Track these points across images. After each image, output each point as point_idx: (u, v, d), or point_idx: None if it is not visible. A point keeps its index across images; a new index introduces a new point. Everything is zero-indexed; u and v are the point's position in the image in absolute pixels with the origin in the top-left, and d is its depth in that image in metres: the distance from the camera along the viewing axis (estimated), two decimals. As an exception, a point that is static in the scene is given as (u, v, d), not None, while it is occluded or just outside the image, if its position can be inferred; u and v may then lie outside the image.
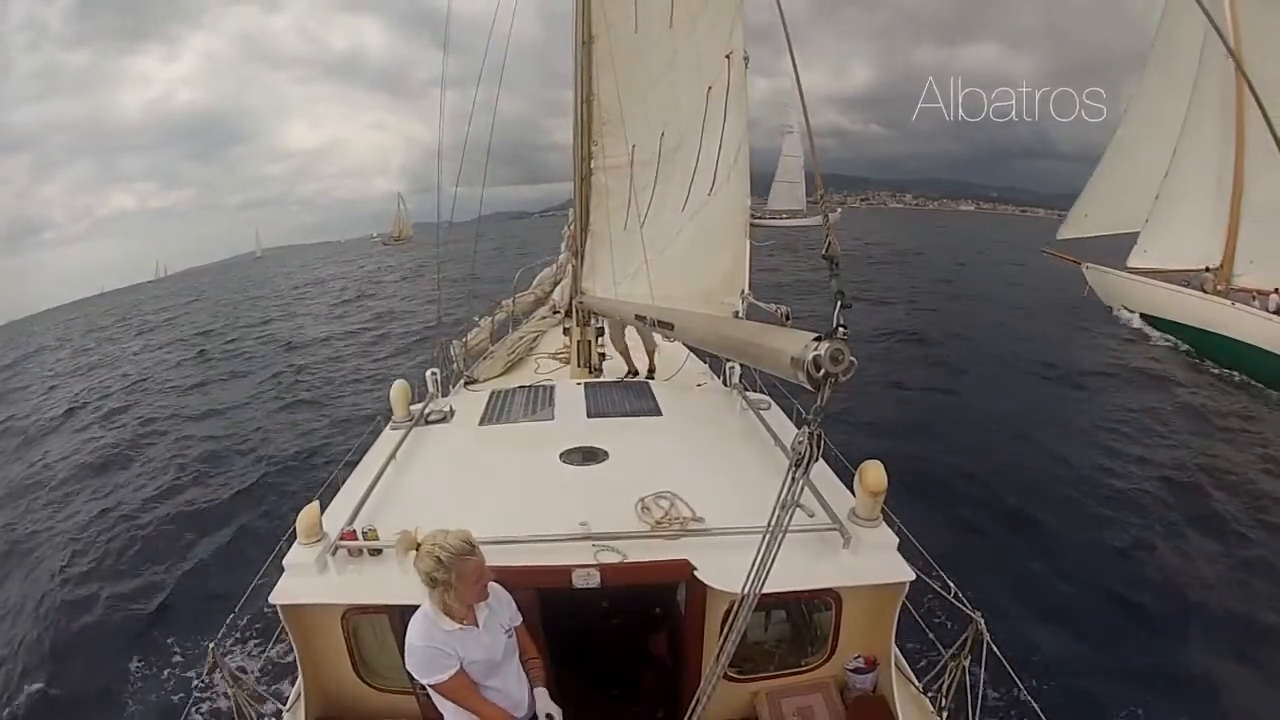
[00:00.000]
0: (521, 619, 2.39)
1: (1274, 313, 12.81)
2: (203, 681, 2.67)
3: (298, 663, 2.65)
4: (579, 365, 5.56)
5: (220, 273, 72.26)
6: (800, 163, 53.31)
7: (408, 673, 2.30)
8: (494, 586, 2.23)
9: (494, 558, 2.23)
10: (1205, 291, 14.68)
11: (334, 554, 2.62)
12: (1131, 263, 16.59)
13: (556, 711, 2.35)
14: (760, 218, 58.54)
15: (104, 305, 48.34)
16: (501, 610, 2.29)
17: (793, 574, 2.33)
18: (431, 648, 2.10)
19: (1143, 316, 16.29)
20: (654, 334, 5.46)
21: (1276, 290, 13.16)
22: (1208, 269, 14.90)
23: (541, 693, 2.38)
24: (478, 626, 2.17)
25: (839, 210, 75.08)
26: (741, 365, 4.43)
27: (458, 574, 2.04)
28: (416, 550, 2.07)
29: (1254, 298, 13.61)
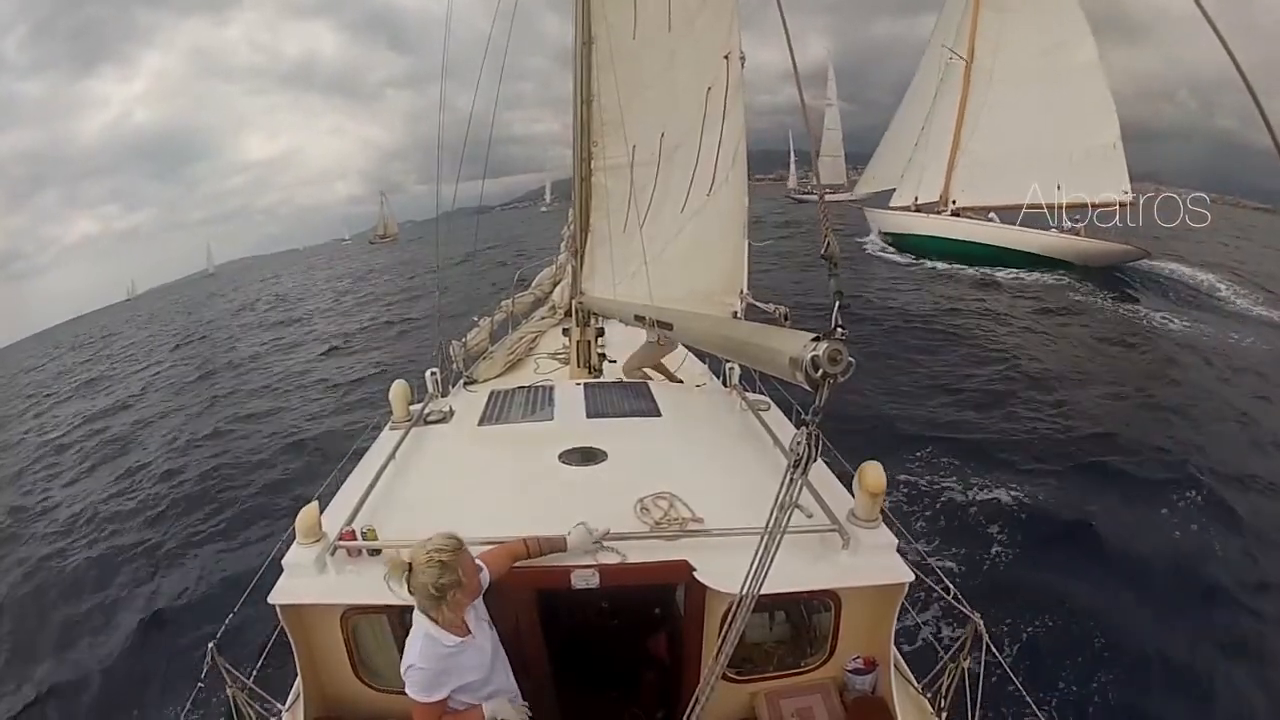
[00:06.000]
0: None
1: (952, 215, 24.20)
2: (202, 681, 2.65)
3: (297, 663, 2.65)
4: (579, 365, 5.55)
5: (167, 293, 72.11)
6: (839, 135, 50.07)
7: None
8: None
9: None
10: (915, 211, 25.58)
11: (333, 554, 2.62)
12: (893, 204, 26.89)
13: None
14: (806, 193, 55.90)
15: (80, 328, 48.54)
16: (480, 605, 2.25)
17: (792, 575, 2.33)
18: (438, 670, 2.07)
19: (883, 234, 27.57)
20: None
21: (953, 201, 24.31)
22: (916, 198, 25.21)
23: None
24: (471, 634, 2.16)
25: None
26: (741, 365, 4.42)
27: (464, 569, 2.04)
28: (409, 570, 2.02)
29: (950, 213, 24.50)
